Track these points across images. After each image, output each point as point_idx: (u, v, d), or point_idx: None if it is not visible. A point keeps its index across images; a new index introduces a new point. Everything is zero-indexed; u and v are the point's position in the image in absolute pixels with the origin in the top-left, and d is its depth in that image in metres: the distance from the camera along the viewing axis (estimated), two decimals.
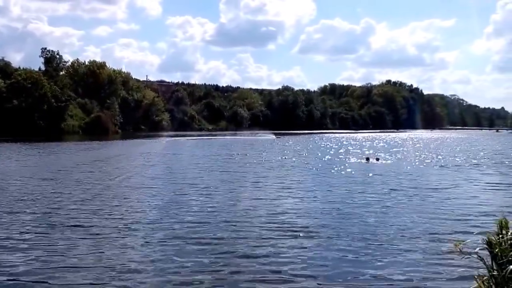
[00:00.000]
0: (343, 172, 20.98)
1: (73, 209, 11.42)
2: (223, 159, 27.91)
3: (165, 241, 8.39)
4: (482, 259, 4.23)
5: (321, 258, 7.43)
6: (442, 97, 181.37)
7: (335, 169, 22.45)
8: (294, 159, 28.87)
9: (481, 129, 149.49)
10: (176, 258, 7.40)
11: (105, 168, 21.96)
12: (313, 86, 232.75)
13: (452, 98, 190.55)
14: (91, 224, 9.72)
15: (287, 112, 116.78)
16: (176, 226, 9.53)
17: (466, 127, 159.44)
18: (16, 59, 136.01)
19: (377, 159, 27.38)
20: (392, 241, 8.53)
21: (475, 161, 28.02)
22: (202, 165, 23.79)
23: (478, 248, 4.32)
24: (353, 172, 20.99)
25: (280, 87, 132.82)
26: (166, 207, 11.77)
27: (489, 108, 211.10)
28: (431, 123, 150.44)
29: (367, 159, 27.40)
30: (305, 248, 8.00)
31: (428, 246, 8.24)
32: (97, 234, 8.92)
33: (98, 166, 23.11)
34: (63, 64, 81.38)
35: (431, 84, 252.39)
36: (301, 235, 8.82)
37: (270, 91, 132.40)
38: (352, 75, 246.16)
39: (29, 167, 22.46)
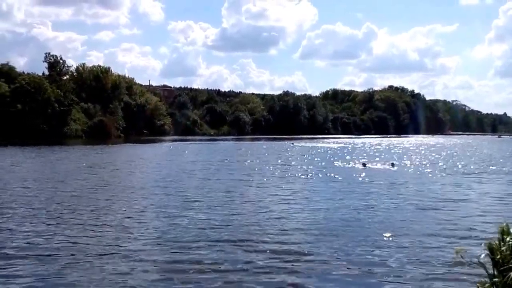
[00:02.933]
0: (358, 179, 20.86)
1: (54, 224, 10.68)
2: None
3: (155, 266, 7.63)
4: (483, 266, 4.22)
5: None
6: (444, 102, 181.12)
7: (337, 176, 22.41)
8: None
9: (484, 135, 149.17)
10: None
11: (95, 176, 21.10)
12: (315, 91, 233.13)
13: (454, 103, 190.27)
14: (74, 243, 8.94)
15: (288, 117, 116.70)
16: (170, 248, 8.70)
17: (469, 133, 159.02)
18: (20, 64, 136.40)
19: (392, 165, 27.47)
20: (394, 251, 8.49)
21: (482, 168, 27.91)
22: None
23: (480, 255, 4.31)
24: (368, 179, 20.94)
25: (282, 92, 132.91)
26: (162, 222, 10.92)
27: (491, 113, 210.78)
28: (434, 128, 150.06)
29: (364, 164, 27.72)
30: (303, 274, 7.38)
31: (430, 254, 8.22)
32: (80, 256, 8.11)
33: (89, 173, 22.50)
34: (66, 69, 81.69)
35: (432, 89, 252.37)
36: (302, 259, 8.13)
37: (272, 96, 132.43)
38: (354, 80, 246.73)
39: (16, 173, 22.46)
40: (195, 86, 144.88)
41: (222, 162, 30.02)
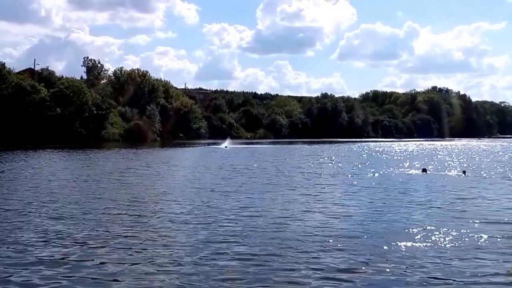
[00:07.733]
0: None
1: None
2: None
3: None
4: None
5: None
6: (492, 104, 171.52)
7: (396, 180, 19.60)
8: None
9: None
10: None
11: (127, 182, 20.09)
12: (354, 93, 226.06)
13: (503, 105, 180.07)
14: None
15: (327, 120, 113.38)
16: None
17: None
18: (59, 68, 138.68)
19: (464, 172, 24.41)
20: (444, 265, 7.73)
21: None
22: None
23: None
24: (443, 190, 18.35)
25: (319, 95, 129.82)
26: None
27: None
28: (480, 131, 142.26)
29: (424, 170, 25.12)
30: None
31: (482, 270, 7.47)
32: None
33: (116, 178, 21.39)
34: (104, 73, 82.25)
35: (479, 90, 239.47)
36: None
37: (309, 98, 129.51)
38: (394, 81, 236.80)
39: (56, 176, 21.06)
40: (230, 89, 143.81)
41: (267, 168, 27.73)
